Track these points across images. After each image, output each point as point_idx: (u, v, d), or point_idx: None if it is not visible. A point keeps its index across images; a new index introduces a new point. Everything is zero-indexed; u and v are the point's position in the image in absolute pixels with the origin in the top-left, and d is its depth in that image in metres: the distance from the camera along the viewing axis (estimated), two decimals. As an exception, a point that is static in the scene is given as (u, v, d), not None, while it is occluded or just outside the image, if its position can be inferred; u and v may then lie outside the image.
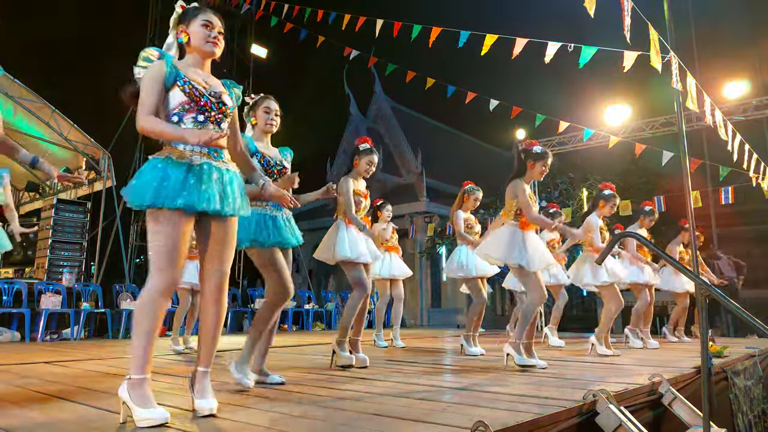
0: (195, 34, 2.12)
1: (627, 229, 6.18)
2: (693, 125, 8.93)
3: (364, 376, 3.15)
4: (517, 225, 3.68)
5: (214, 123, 2.09)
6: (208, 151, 2.04)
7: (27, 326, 6.36)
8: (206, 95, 2.06)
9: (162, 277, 1.90)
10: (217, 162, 2.07)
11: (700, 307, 2.49)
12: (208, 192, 1.97)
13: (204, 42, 2.12)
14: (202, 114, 2.05)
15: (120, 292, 7.68)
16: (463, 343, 4.65)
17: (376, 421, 1.91)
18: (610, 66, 4.91)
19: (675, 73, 4.53)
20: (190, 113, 2.03)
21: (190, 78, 2.05)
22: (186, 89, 2.02)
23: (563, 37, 4.91)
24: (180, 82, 2.02)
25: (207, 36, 2.12)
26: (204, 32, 2.11)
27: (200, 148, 2.02)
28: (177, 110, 2.02)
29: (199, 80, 2.08)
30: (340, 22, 6.98)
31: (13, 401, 2.32)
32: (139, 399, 1.83)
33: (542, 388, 2.62)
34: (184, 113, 2.02)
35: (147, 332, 1.87)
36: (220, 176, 2.05)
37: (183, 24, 2.14)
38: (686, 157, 4.75)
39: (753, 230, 12.42)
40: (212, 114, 2.08)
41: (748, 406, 3.86)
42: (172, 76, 2.01)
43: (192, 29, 2.12)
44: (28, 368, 3.59)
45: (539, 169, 3.71)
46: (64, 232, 8.93)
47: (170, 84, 2.01)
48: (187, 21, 2.13)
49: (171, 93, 2.02)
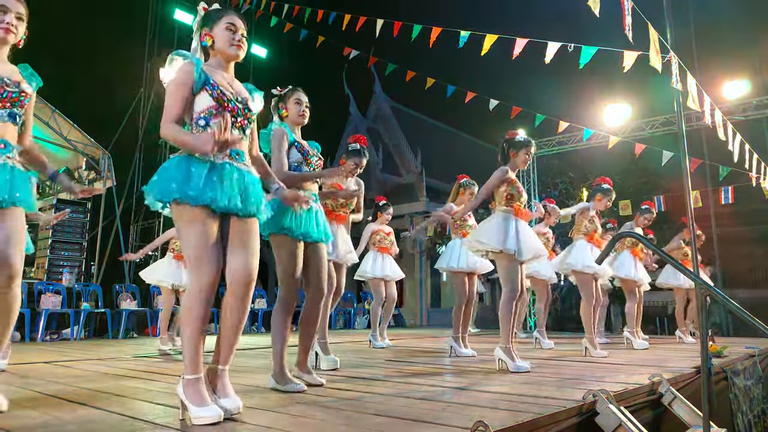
0: (219, 36, 2.10)
1: (622, 227, 6.20)
2: (693, 125, 8.94)
3: (364, 376, 3.15)
4: (510, 211, 3.60)
5: (239, 129, 2.09)
6: (230, 152, 2.04)
7: (27, 326, 6.36)
8: (233, 100, 2.06)
9: (202, 276, 1.89)
10: (238, 164, 2.06)
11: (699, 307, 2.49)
12: (231, 191, 1.97)
13: (228, 45, 2.11)
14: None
15: (120, 292, 7.68)
16: (452, 344, 4.50)
17: (376, 421, 1.91)
18: (610, 66, 4.92)
19: (675, 73, 4.53)
20: (217, 118, 2.00)
21: (218, 83, 2.04)
22: (215, 94, 2.01)
23: (563, 37, 4.91)
24: (209, 87, 2.01)
25: (231, 39, 2.11)
26: (228, 35, 2.10)
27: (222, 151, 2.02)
28: (204, 114, 2.02)
29: (226, 85, 2.08)
30: (340, 22, 6.98)
31: (13, 401, 2.32)
32: (194, 397, 1.86)
33: (542, 388, 2.62)
34: (211, 118, 2.01)
35: (194, 333, 1.90)
36: (241, 177, 2.04)
37: (207, 27, 2.12)
38: (686, 157, 4.75)
39: (753, 230, 12.41)
40: (238, 120, 2.08)
41: (747, 406, 3.86)
42: (201, 80, 2.01)
43: (216, 32, 2.10)
44: (28, 368, 3.59)
45: (522, 158, 3.66)
46: (64, 232, 8.93)
47: (198, 88, 2.01)
48: (211, 24, 2.12)
49: (198, 97, 2.02)
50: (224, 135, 1.88)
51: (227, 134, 1.89)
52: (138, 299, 7.76)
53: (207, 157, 1.97)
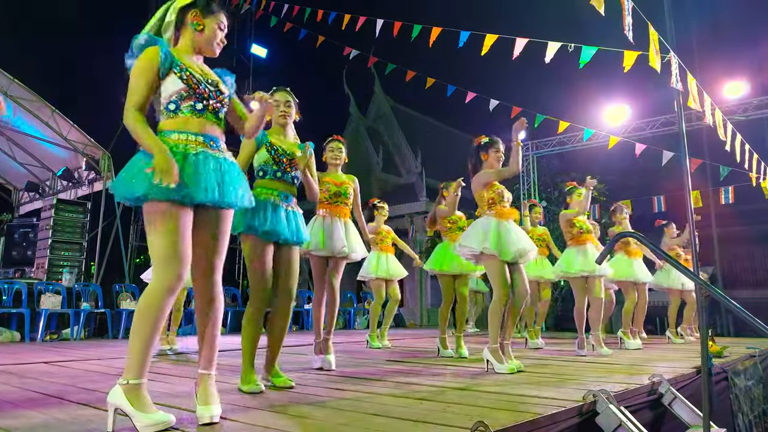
0: (209, 29, 2.07)
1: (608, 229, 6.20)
2: (693, 125, 8.94)
3: (364, 376, 3.14)
4: (492, 215, 3.62)
5: (212, 112, 2.02)
6: (204, 139, 1.96)
7: (27, 326, 6.35)
8: (204, 83, 1.99)
9: (166, 276, 1.81)
10: (214, 151, 1.98)
11: (699, 307, 2.49)
12: (207, 182, 1.89)
13: (213, 43, 2.10)
14: (200, 102, 1.97)
15: (120, 292, 7.67)
16: (438, 345, 4.56)
17: (376, 421, 1.91)
18: (610, 66, 4.92)
19: (675, 73, 4.53)
20: (188, 101, 1.95)
21: (186, 64, 1.98)
22: (183, 76, 1.94)
23: (563, 37, 4.91)
24: (176, 69, 1.94)
25: (218, 38, 2.11)
26: (217, 33, 2.10)
27: (195, 136, 1.95)
28: (174, 98, 1.94)
29: (195, 67, 2.02)
30: (340, 22, 6.97)
31: (12, 401, 2.32)
32: (140, 404, 1.76)
33: (542, 388, 2.62)
34: (182, 101, 1.95)
35: (149, 335, 1.80)
36: (218, 165, 1.96)
37: (199, 11, 2.06)
38: (686, 157, 4.73)
39: (753, 230, 12.40)
40: (210, 102, 2.01)
41: (748, 407, 3.86)
42: (168, 63, 1.93)
43: (207, 23, 2.07)
44: (27, 368, 3.58)
45: (494, 156, 3.69)
46: (64, 232, 8.92)
47: (165, 71, 1.93)
48: (207, 12, 2.07)
49: (167, 80, 1.94)
50: (168, 177, 1.78)
51: (173, 177, 1.80)
52: (138, 299, 7.75)
53: (179, 148, 1.90)
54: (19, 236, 9.44)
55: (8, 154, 10.68)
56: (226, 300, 9.45)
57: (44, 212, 9.19)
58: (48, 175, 11.26)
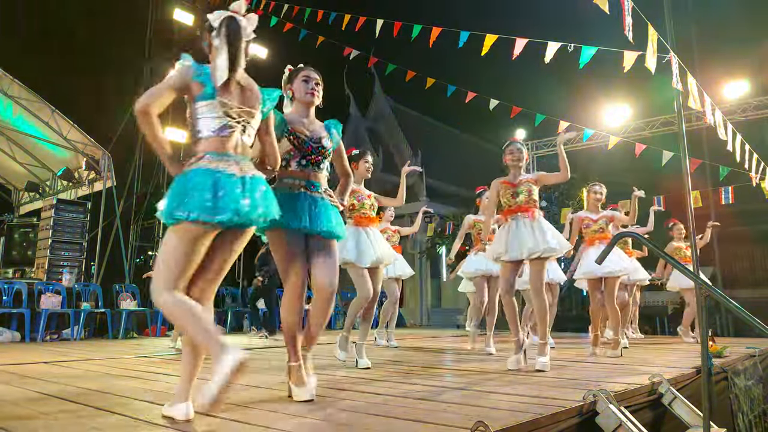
0: (297, 88, 2.61)
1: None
2: (693, 125, 8.94)
3: (364, 376, 3.14)
4: (501, 218, 3.84)
5: (314, 164, 2.52)
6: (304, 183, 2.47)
7: (27, 326, 6.36)
8: (308, 142, 2.51)
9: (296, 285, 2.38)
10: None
11: (699, 307, 2.49)
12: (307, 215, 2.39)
13: (303, 94, 2.60)
14: (304, 158, 2.50)
15: (120, 292, 7.67)
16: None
17: (376, 421, 1.91)
18: (610, 66, 4.91)
19: (675, 73, 4.53)
20: (295, 159, 2.49)
21: (295, 129, 2.50)
22: (291, 139, 2.48)
23: (563, 37, 4.91)
24: (287, 134, 2.48)
25: (306, 88, 2.59)
26: (304, 86, 2.60)
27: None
28: (285, 155, 2.46)
29: (302, 129, 2.52)
30: (340, 22, 6.97)
31: (13, 401, 2.32)
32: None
33: (542, 388, 2.62)
34: (291, 158, 2.49)
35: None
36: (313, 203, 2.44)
37: (289, 83, 2.64)
38: (686, 157, 4.73)
39: (753, 230, 12.40)
40: (312, 157, 2.52)
41: (748, 407, 3.85)
42: (280, 129, 2.44)
43: (295, 86, 2.62)
44: (27, 368, 3.59)
45: (507, 158, 3.87)
46: (64, 232, 8.91)
47: (280, 134, 2.42)
48: (292, 80, 2.63)
49: (281, 142, 2.43)
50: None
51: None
52: (138, 299, 7.75)
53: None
54: (19, 236, 9.43)
55: (8, 154, 10.68)
56: (227, 300, 9.46)
57: (44, 212, 9.18)
58: (48, 175, 11.26)
